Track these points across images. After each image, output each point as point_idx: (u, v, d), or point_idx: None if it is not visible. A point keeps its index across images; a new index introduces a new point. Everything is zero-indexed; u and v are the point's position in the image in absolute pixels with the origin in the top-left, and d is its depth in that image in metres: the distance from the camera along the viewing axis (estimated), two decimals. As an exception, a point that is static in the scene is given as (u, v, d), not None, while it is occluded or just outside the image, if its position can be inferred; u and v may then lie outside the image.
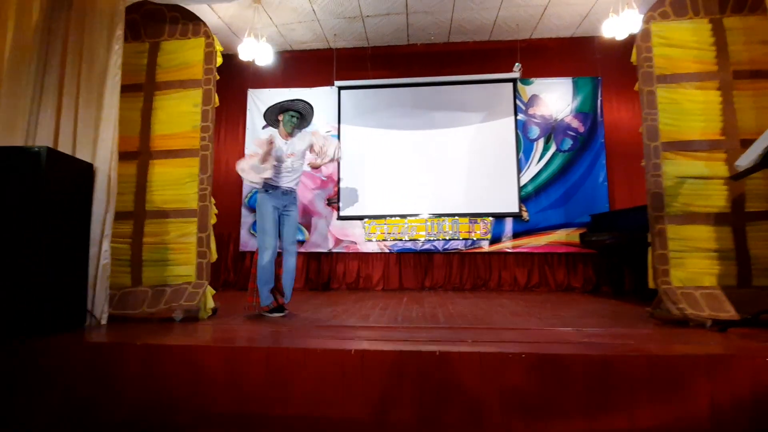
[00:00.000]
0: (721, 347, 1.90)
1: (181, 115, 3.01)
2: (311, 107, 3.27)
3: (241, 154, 5.35)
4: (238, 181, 5.30)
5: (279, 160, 3.02)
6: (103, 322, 2.59)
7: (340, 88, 5.34)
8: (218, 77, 3.05)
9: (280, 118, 3.17)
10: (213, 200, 2.92)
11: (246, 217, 5.20)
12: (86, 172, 2.65)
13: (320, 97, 5.36)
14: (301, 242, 5.14)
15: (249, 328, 2.47)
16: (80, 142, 2.74)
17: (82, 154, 2.71)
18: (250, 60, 4.52)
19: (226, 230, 5.25)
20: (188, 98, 3.01)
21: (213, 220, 2.89)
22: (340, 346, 1.88)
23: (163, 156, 2.99)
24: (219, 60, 3.09)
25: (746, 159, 2.19)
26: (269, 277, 2.92)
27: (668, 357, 1.74)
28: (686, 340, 2.07)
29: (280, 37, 5.24)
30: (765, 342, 1.99)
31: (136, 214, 2.95)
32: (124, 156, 2.93)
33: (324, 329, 2.43)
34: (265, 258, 2.89)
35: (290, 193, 3.07)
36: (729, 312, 2.45)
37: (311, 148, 3.23)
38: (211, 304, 2.81)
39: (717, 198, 2.68)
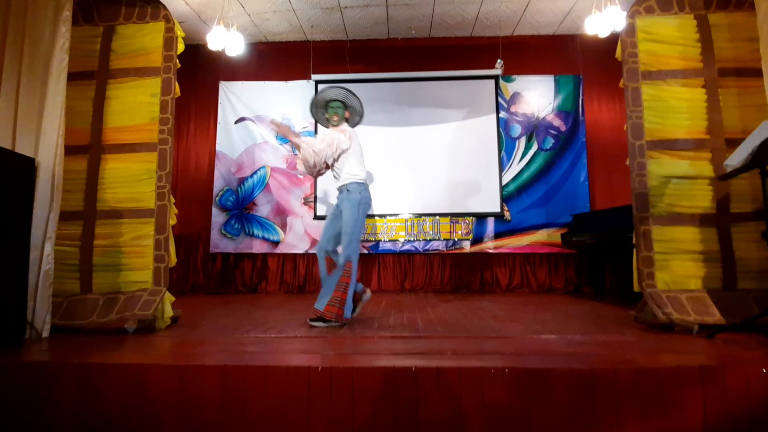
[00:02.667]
0: (711, 357, 1.80)
1: (137, 106, 2.76)
2: (346, 90, 2.86)
3: (212, 149, 5.08)
4: (209, 178, 5.05)
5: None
6: (45, 334, 2.33)
7: (318, 82, 5.12)
8: (179, 65, 2.80)
9: (328, 116, 2.90)
10: (173, 199, 2.67)
11: (217, 217, 4.93)
12: (27, 167, 2.38)
13: (296, 92, 5.14)
14: (276, 243, 4.91)
15: (209, 341, 2.25)
16: (21, 134, 2.46)
17: (23, 148, 2.44)
18: (220, 50, 4.26)
19: (196, 230, 4.98)
20: (146, 87, 2.76)
21: (173, 221, 2.64)
22: (306, 363, 1.70)
23: (117, 150, 2.73)
24: (181, 47, 2.84)
25: (736, 158, 2.10)
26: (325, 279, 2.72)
27: (657, 369, 1.62)
28: (674, 349, 1.97)
29: (254, 28, 4.99)
30: (755, 349, 1.90)
31: (86, 214, 2.68)
32: (72, 150, 2.67)
33: (291, 341, 2.23)
34: None
35: (341, 192, 2.77)
36: (715, 316, 2.37)
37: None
38: (169, 312, 2.57)
39: (702, 198, 2.61)
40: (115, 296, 2.56)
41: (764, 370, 1.60)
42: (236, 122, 5.08)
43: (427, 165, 5.00)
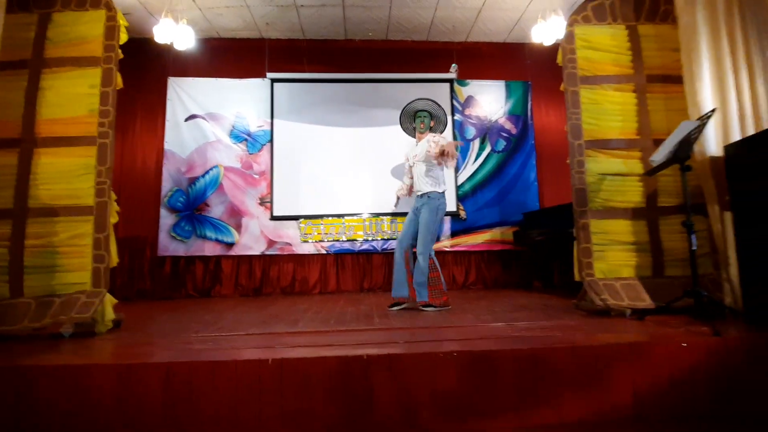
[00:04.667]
0: (639, 335, 1.96)
1: (74, 97, 2.60)
2: (433, 101, 3.31)
3: (160, 148, 4.86)
4: (157, 178, 4.82)
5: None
6: (-33, 342, 2.13)
7: (273, 80, 5.05)
8: (122, 56, 2.68)
9: (415, 125, 3.32)
10: (114, 196, 2.54)
11: (165, 218, 4.70)
12: (-56, 160, 2.18)
13: (251, 90, 5.04)
14: (230, 245, 4.77)
15: (154, 342, 2.15)
16: (-62, 125, 2.26)
17: (-60, 139, 2.23)
18: (169, 44, 4.10)
19: (143, 232, 4.72)
20: (84, 78, 2.61)
21: (114, 219, 2.50)
22: (256, 356, 1.67)
23: (51, 144, 2.55)
24: (124, 37, 2.72)
25: (659, 155, 2.30)
26: (398, 270, 3.11)
27: (592, 347, 1.75)
28: (608, 329, 2.12)
29: (205, 22, 4.84)
30: (678, 328, 2.09)
31: (17, 212, 2.48)
32: (1, 143, 2.48)
33: (242, 338, 2.18)
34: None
35: (421, 197, 3.13)
36: (645, 301, 2.57)
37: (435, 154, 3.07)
38: (111, 315, 2.43)
39: (633, 194, 2.83)
40: (49, 299, 2.38)
41: (684, 345, 1.76)
42: (186, 120, 4.89)
43: (385, 165, 5.05)
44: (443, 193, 3.16)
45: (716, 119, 2.58)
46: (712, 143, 2.60)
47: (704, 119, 2.24)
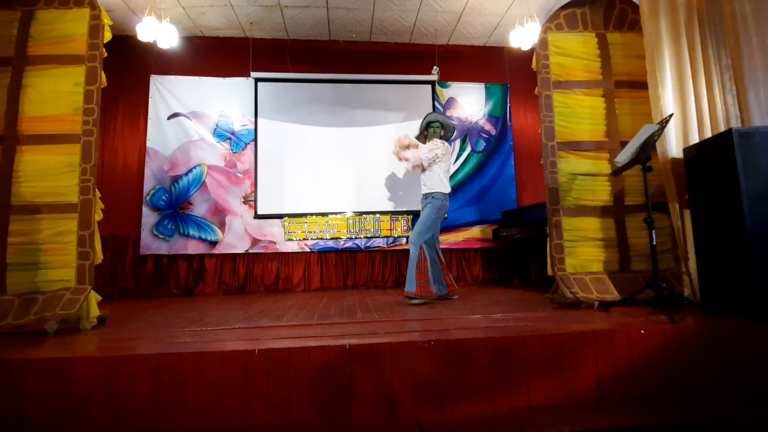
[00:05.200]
0: (603, 323, 2.10)
1: (58, 95, 2.61)
2: (443, 116, 3.72)
3: (142, 146, 4.83)
4: (139, 176, 4.79)
5: None
6: (-51, 339, 2.13)
7: (257, 79, 5.08)
8: (106, 54, 2.70)
9: (427, 133, 3.65)
10: (98, 193, 2.56)
11: (148, 217, 4.69)
12: (-76, 157, 2.18)
13: (235, 89, 5.05)
14: (214, 243, 4.78)
15: (140, 336, 2.19)
16: None
17: None
18: (151, 42, 4.09)
19: (125, 231, 4.69)
20: (68, 76, 2.62)
21: (98, 217, 2.53)
22: (242, 347, 1.74)
23: (34, 141, 2.56)
24: (108, 35, 2.74)
25: (623, 156, 2.46)
26: (435, 270, 3.37)
27: (559, 335, 1.88)
28: (576, 320, 2.27)
29: (188, 21, 4.84)
30: (639, 317, 2.25)
31: (-1, 209, 2.49)
32: (-18, 140, 2.47)
33: (229, 332, 2.25)
34: None
35: (426, 197, 3.46)
36: (612, 294, 2.74)
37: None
38: (95, 312, 2.45)
39: (602, 193, 3.00)
40: (33, 296, 2.39)
41: (642, 332, 1.91)
42: (169, 118, 4.88)
43: (368, 165, 5.15)
44: (447, 195, 3.44)
45: (677, 123, 2.76)
46: (674, 146, 2.77)
47: (663, 123, 2.40)
